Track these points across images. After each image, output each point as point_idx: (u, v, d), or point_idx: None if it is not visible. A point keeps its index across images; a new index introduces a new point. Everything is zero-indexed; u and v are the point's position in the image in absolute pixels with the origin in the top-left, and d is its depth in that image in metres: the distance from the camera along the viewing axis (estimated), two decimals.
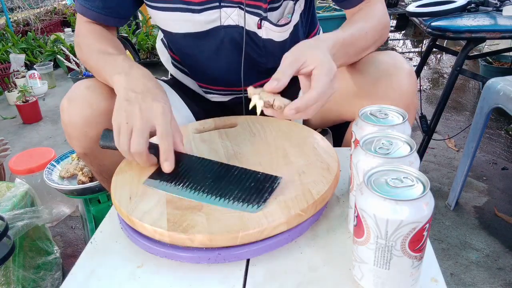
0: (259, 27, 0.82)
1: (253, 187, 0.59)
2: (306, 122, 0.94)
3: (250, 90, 0.63)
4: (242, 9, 0.80)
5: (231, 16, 0.82)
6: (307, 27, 0.96)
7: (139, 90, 0.65)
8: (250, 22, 0.82)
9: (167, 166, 0.63)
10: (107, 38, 0.82)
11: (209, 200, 0.58)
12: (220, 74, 0.92)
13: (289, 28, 0.85)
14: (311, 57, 0.62)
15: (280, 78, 0.61)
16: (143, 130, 0.61)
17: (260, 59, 0.89)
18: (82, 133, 0.75)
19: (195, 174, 0.64)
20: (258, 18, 0.81)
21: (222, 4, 0.80)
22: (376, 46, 0.78)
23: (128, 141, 0.62)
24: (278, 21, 0.83)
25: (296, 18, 0.86)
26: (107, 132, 0.69)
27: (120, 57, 0.74)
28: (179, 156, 0.67)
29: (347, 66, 0.78)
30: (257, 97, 0.62)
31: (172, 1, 0.80)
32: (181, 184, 0.62)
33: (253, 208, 0.55)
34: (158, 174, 0.65)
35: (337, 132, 0.96)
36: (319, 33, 1.03)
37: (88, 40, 0.81)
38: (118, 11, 0.84)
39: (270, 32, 0.84)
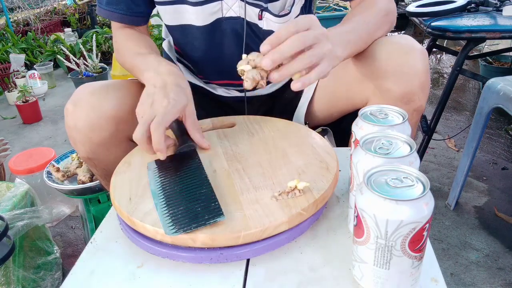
0: (260, 18, 0.84)
1: (196, 212, 0.56)
2: (312, 115, 0.94)
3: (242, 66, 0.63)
4: (243, 0, 0.81)
5: (232, 8, 0.83)
6: None
7: (158, 85, 0.68)
8: (251, 13, 0.83)
9: (160, 156, 0.67)
10: (140, 40, 0.86)
11: (159, 203, 0.58)
12: (222, 67, 0.92)
13: (289, 19, 0.86)
14: (311, 24, 0.62)
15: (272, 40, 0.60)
16: (146, 121, 0.64)
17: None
18: (87, 138, 0.75)
19: (177, 176, 0.65)
20: (259, 9, 0.82)
21: None
22: (383, 32, 0.78)
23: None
24: (279, 12, 0.84)
25: (296, 10, 0.87)
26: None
27: (151, 56, 0.78)
28: (187, 154, 0.69)
29: None
30: (249, 71, 0.62)
31: None
32: (162, 179, 0.64)
33: (171, 230, 0.53)
34: (161, 161, 0.68)
35: (338, 131, 0.96)
36: None
37: (126, 44, 0.86)
38: (140, 10, 0.87)
39: (271, 23, 0.84)
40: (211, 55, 0.90)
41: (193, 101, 0.70)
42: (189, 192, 0.61)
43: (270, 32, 0.85)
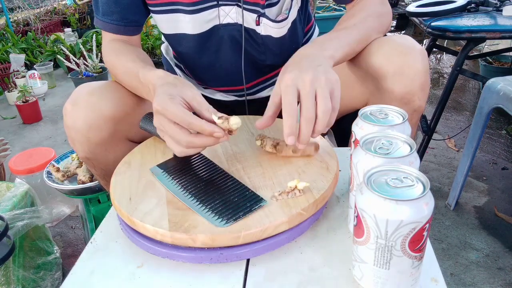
0: (258, 23, 0.84)
1: (234, 202, 0.57)
2: None
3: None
4: (240, 6, 0.81)
5: (229, 14, 0.83)
6: (304, 23, 0.97)
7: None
8: (249, 19, 0.83)
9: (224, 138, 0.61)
10: (134, 53, 0.82)
11: (190, 202, 0.58)
12: (221, 74, 0.92)
13: (287, 24, 0.86)
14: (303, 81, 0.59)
15: (269, 116, 0.64)
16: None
17: (260, 56, 0.89)
18: (85, 138, 0.75)
19: (193, 175, 0.65)
20: (256, 15, 0.82)
21: (220, 2, 0.81)
22: (380, 33, 0.77)
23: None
24: (276, 17, 0.84)
25: (293, 14, 0.87)
26: (149, 116, 0.74)
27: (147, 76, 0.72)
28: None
29: None
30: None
31: (170, 3, 0.81)
32: (177, 180, 0.63)
33: (221, 223, 0.54)
34: (165, 165, 0.68)
35: (338, 131, 0.96)
36: (314, 28, 1.04)
37: (120, 60, 0.81)
38: (135, 19, 0.86)
39: (269, 29, 0.84)
40: (208, 62, 0.90)
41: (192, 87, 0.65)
42: (215, 186, 0.61)
43: (268, 37, 0.86)
